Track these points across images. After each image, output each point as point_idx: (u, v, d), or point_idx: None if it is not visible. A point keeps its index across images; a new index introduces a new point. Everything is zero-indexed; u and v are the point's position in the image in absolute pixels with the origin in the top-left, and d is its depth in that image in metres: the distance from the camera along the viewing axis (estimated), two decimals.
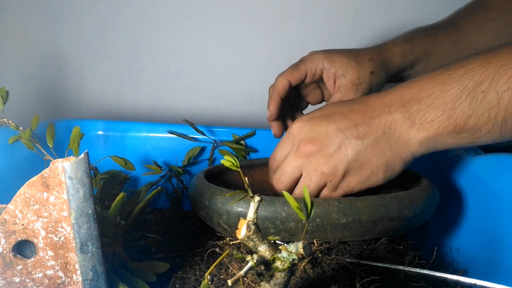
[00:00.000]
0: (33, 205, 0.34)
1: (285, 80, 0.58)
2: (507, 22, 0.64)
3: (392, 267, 0.41)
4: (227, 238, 0.42)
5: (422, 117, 0.43)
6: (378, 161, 0.45)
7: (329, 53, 0.59)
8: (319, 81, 0.63)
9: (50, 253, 0.35)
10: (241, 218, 0.30)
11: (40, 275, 0.35)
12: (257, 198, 0.30)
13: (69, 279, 0.35)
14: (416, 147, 0.44)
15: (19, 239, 0.34)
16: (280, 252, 0.29)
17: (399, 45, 0.61)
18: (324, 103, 0.66)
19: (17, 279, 0.35)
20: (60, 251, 0.35)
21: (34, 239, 0.34)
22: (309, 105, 0.67)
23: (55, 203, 0.34)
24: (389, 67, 0.60)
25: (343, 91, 0.58)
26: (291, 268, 0.29)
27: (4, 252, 0.34)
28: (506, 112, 0.39)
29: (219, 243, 0.39)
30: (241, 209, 0.43)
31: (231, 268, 0.43)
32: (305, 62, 0.58)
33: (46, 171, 0.34)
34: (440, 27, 0.64)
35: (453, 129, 0.42)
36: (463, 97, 0.41)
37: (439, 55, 0.62)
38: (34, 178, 0.34)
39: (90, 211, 0.34)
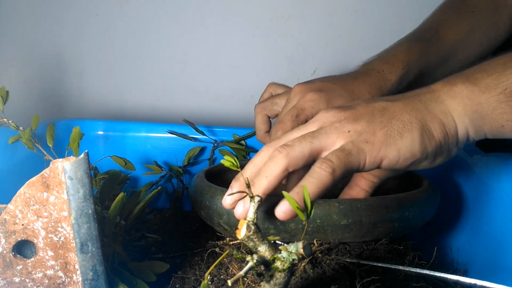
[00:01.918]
0: (33, 205, 0.34)
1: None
2: (493, 23, 0.63)
3: (392, 267, 0.41)
4: (227, 238, 0.42)
5: (461, 78, 0.39)
6: (411, 116, 0.38)
7: (329, 96, 0.53)
8: None
9: (50, 253, 0.35)
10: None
11: (40, 275, 0.35)
12: (257, 198, 0.30)
13: (69, 279, 0.35)
14: (458, 112, 0.38)
15: (19, 239, 0.34)
16: (280, 252, 0.29)
17: (396, 73, 0.57)
18: None
19: (17, 279, 0.35)
20: (60, 251, 0.35)
21: (34, 239, 0.34)
22: None
23: (55, 203, 0.34)
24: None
25: None
26: (291, 268, 0.29)
27: (4, 252, 0.34)
28: None
29: (219, 243, 0.39)
30: None
31: (231, 268, 0.43)
32: (305, 111, 0.52)
33: (46, 171, 0.33)
34: (429, 42, 0.61)
35: (503, 91, 0.37)
36: None
37: (428, 74, 0.61)
38: (34, 178, 0.34)
39: (90, 211, 0.34)
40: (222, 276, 0.43)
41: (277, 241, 0.44)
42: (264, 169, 0.37)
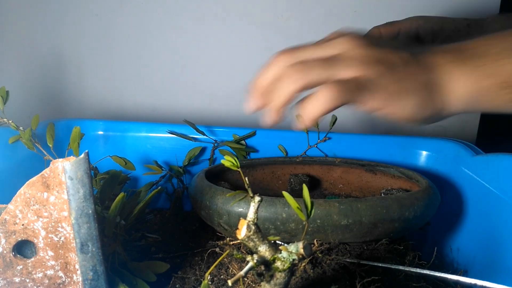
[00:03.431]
0: (33, 205, 0.34)
1: (377, 29, 0.57)
2: None
3: (393, 267, 0.41)
4: (227, 238, 0.42)
5: (472, 61, 0.39)
6: (422, 83, 0.39)
7: (424, 15, 0.59)
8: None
9: (50, 253, 0.35)
10: (241, 218, 0.30)
11: (40, 275, 0.35)
12: (257, 199, 0.30)
13: (69, 279, 0.35)
14: (460, 95, 0.39)
15: (19, 239, 0.34)
16: (280, 252, 0.29)
17: (497, 18, 0.58)
18: None
19: (17, 279, 0.35)
20: (60, 251, 0.35)
21: (34, 239, 0.34)
22: None
23: (55, 203, 0.34)
24: (484, 30, 0.57)
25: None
26: (291, 268, 0.29)
27: (4, 252, 0.34)
28: None
29: (219, 243, 0.39)
30: (241, 209, 0.43)
31: (231, 268, 0.43)
32: (400, 20, 0.58)
33: (46, 171, 0.33)
34: None
35: (502, 80, 0.38)
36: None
37: None
38: (34, 178, 0.34)
39: (90, 211, 0.34)
40: (222, 276, 0.43)
41: (277, 241, 0.44)
42: (279, 86, 0.38)
